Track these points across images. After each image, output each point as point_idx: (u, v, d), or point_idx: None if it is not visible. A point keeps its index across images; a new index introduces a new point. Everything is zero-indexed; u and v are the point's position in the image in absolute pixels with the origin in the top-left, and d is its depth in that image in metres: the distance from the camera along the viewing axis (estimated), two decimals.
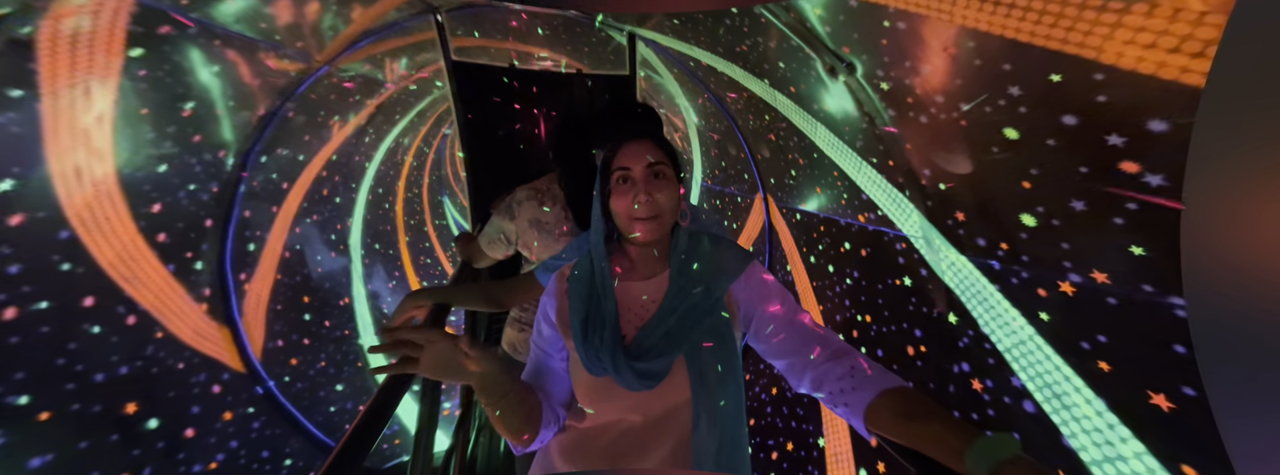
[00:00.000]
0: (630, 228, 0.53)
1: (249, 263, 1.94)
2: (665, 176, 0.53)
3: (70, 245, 1.12)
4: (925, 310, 1.15)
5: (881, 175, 1.27)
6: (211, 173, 1.69)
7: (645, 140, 0.54)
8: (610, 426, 0.51)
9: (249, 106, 1.82)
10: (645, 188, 0.52)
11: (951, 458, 0.38)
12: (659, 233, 0.53)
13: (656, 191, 0.52)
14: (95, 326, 1.17)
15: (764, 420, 1.95)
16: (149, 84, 1.31)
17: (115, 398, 1.18)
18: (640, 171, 0.52)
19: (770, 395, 1.97)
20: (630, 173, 0.53)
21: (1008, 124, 0.83)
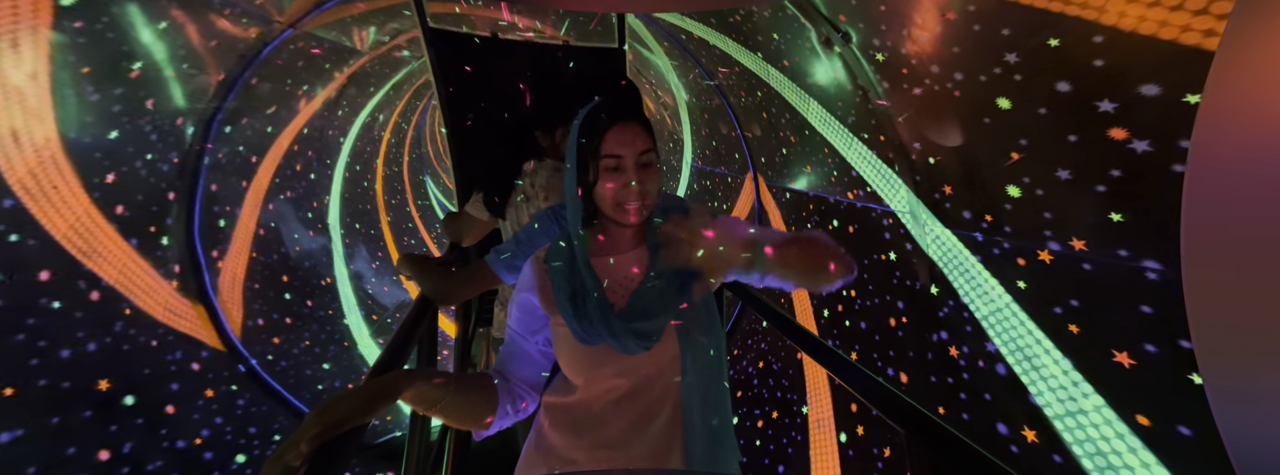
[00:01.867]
0: (618, 213, 0.54)
1: (221, 239, 1.86)
2: (653, 165, 0.55)
3: (16, 214, 1.04)
4: (908, 283, 1.17)
5: (872, 151, 1.27)
6: (169, 142, 1.57)
7: (635, 126, 0.54)
8: (600, 395, 0.53)
9: (204, 70, 1.68)
10: (637, 176, 0.53)
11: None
12: (644, 216, 0.55)
13: (647, 180, 0.54)
14: (55, 302, 1.11)
15: (751, 392, 2.02)
16: (87, 38, 1.19)
17: (85, 374, 1.14)
18: (631, 160, 0.53)
19: (757, 368, 2.04)
20: (622, 161, 0.53)
21: (1002, 93, 0.82)
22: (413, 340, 0.70)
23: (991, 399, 0.96)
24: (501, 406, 0.54)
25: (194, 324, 1.60)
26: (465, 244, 1.14)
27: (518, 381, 0.57)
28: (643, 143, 0.54)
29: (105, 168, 1.32)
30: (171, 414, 1.35)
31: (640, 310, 0.52)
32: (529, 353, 0.57)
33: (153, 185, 1.50)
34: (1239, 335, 0.43)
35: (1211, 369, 0.46)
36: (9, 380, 0.95)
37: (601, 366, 0.53)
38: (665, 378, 0.53)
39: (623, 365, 0.53)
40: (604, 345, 0.53)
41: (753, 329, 2.16)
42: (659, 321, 0.52)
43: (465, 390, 0.51)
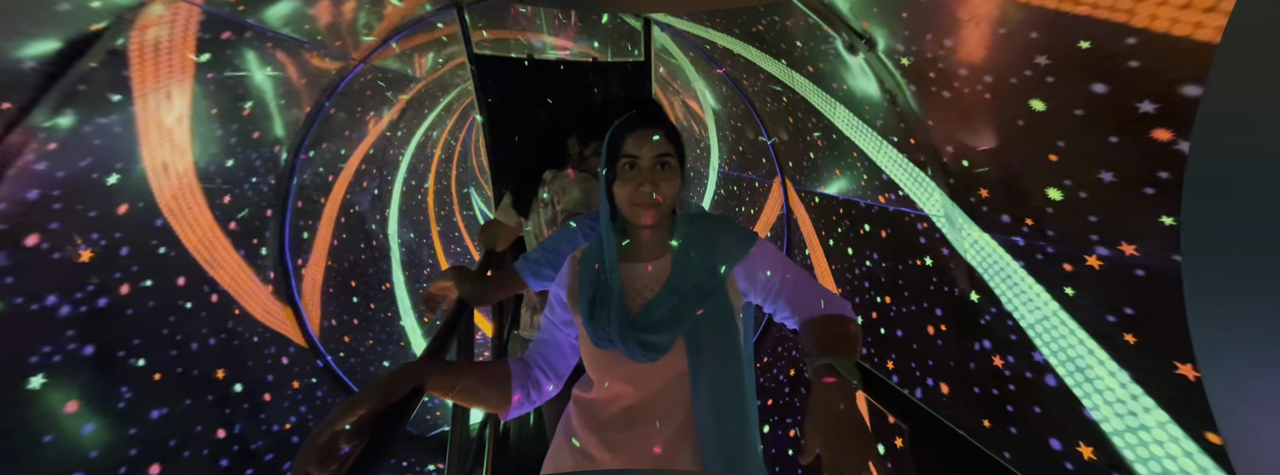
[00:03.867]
0: (633, 213, 0.56)
1: (304, 250, 2.12)
2: (671, 167, 0.56)
3: (164, 231, 1.28)
4: (947, 289, 1.14)
5: (902, 154, 1.25)
6: (269, 167, 1.85)
7: (654, 128, 0.56)
8: (616, 397, 0.55)
9: (297, 104, 1.96)
10: (651, 177, 0.55)
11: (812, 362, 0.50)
12: (659, 218, 0.56)
13: (662, 181, 0.55)
14: (188, 302, 1.34)
15: (783, 400, 1.98)
16: (216, 86, 1.45)
17: (207, 364, 1.35)
18: (647, 160, 0.55)
19: (789, 376, 2.00)
20: (638, 160, 0.55)
21: (1034, 95, 0.81)
22: (453, 336, 0.78)
23: (1042, 412, 0.91)
24: (517, 391, 0.57)
25: (284, 324, 1.84)
26: (499, 249, 1.26)
27: (546, 366, 0.60)
28: (660, 146, 0.55)
29: (224, 190, 1.57)
30: (268, 401, 1.57)
31: (651, 322, 0.53)
32: (558, 342, 0.60)
33: (256, 204, 1.77)
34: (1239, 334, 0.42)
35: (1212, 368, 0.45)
36: (157, 368, 1.16)
37: (612, 370, 0.55)
38: (674, 392, 0.53)
39: (632, 371, 0.54)
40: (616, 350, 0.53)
41: (783, 335, 2.14)
42: (666, 335, 0.52)
43: (479, 377, 0.55)
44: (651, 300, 0.55)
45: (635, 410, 0.54)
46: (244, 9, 1.43)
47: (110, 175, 1.10)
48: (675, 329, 0.53)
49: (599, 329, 0.54)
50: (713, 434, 0.52)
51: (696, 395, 0.53)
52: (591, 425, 0.56)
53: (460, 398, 0.55)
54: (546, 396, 0.60)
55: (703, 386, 0.53)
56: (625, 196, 0.56)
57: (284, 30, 1.66)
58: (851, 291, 1.61)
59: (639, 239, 0.59)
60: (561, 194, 1.14)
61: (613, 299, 0.54)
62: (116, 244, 1.11)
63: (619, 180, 0.56)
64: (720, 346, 0.54)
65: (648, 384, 0.54)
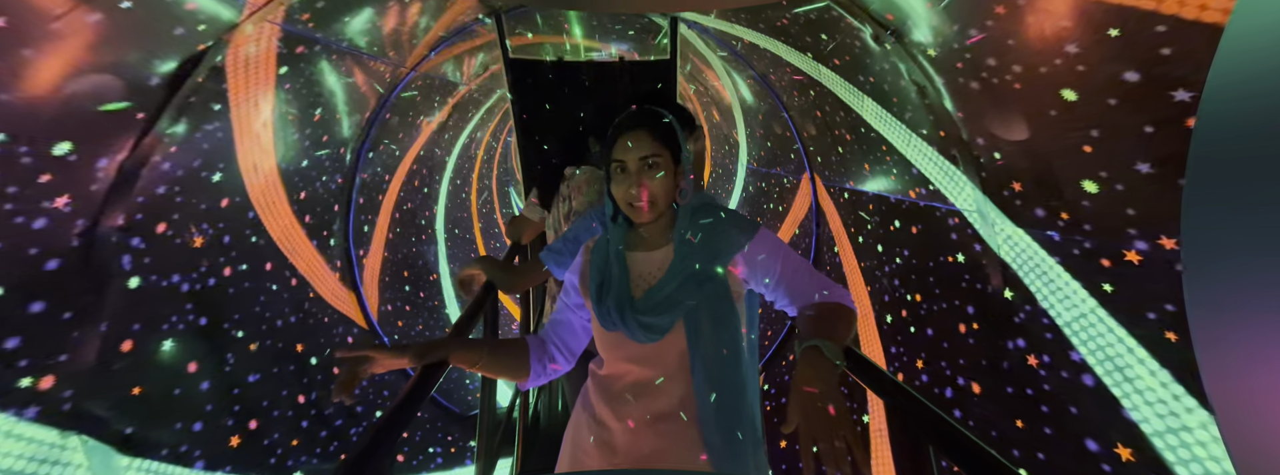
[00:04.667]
0: (630, 211, 0.61)
1: (365, 241, 2.35)
2: (658, 166, 0.59)
3: (255, 223, 1.48)
4: (979, 287, 1.10)
5: (932, 147, 1.21)
6: (337, 166, 2.06)
7: (641, 133, 0.60)
8: (624, 374, 0.60)
9: (359, 110, 2.17)
10: (639, 179, 0.59)
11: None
12: (653, 215, 0.60)
13: (650, 181, 0.59)
14: (273, 284, 1.54)
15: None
16: (292, 95, 1.65)
17: (289, 338, 1.55)
18: (634, 163, 0.59)
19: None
20: (625, 164, 0.59)
21: (1065, 84, 0.77)
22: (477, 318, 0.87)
23: (1078, 413, 0.87)
24: (533, 366, 0.64)
25: (349, 307, 2.06)
26: (524, 242, 1.34)
27: (560, 344, 0.66)
28: (645, 148, 0.59)
29: (300, 187, 1.78)
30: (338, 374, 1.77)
31: (650, 306, 0.57)
32: (572, 322, 0.65)
33: (325, 200, 1.98)
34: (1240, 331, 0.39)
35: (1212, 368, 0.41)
36: (252, 339, 1.35)
37: (619, 348, 0.60)
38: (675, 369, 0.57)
39: (635, 352, 0.59)
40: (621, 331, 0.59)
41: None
42: (665, 318, 0.57)
43: (500, 352, 0.63)
44: (653, 286, 0.59)
45: (641, 385, 0.59)
46: (314, 25, 1.60)
47: (215, 174, 1.29)
48: (673, 312, 0.57)
49: (604, 312, 0.59)
50: (711, 409, 0.56)
51: (695, 373, 0.57)
52: (605, 397, 0.61)
53: (484, 369, 0.62)
54: (560, 372, 0.67)
55: (701, 365, 0.57)
56: (619, 197, 0.61)
57: (346, 42, 1.84)
58: (881, 289, 1.56)
59: (644, 231, 0.63)
60: (578, 191, 1.22)
61: (616, 286, 0.59)
62: (220, 233, 1.30)
63: (613, 182, 0.61)
64: (718, 329, 0.58)
65: (651, 362, 0.59)
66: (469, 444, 2.25)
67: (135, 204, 1.00)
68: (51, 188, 0.81)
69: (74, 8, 0.78)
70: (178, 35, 1.04)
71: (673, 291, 0.57)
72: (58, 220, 0.83)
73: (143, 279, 1.01)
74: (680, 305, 0.57)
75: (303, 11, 1.51)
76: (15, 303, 0.76)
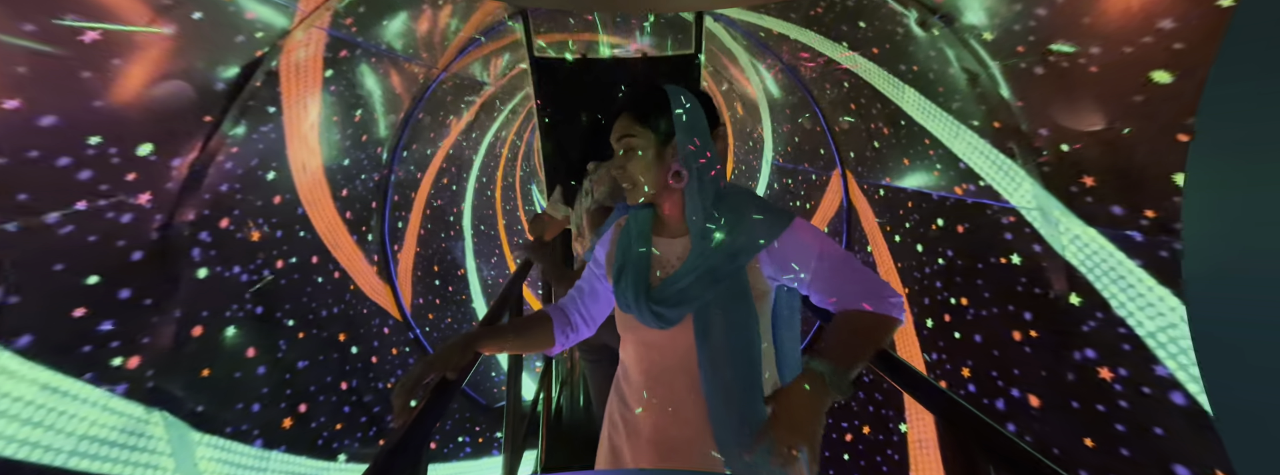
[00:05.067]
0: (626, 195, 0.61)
1: (399, 237, 2.46)
2: (631, 147, 0.58)
3: (303, 219, 1.57)
4: (1038, 291, 1.01)
5: (984, 140, 1.12)
6: (374, 165, 2.16)
7: (623, 114, 0.60)
8: (639, 360, 0.62)
9: (395, 110, 2.25)
10: (618, 163, 0.59)
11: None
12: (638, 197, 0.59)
13: (625, 163, 0.58)
14: (319, 277, 1.63)
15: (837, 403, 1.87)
16: (336, 97, 1.73)
17: (333, 328, 1.64)
18: (615, 146, 0.59)
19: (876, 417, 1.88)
20: (615, 150, 0.60)
21: (1157, 65, 0.69)
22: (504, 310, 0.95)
23: (1165, 434, 0.79)
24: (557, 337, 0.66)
25: (385, 300, 2.16)
26: (546, 238, 1.36)
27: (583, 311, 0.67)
28: (620, 128, 0.58)
29: (341, 185, 1.88)
30: (375, 363, 1.86)
31: (664, 296, 0.57)
32: (597, 290, 0.67)
33: (364, 197, 2.08)
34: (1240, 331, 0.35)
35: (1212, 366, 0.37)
36: (301, 328, 1.44)
37: (633, 331, 0.61)
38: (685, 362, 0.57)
39: (649, 336, 0.59)
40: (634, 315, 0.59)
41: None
42: (676, 310, 0.56)
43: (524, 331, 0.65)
44: (670, 276, 0.58)
45: (653, 373, 0.60)
46: (356, 29, 1.68)
47: (269, 173, 1.37)
48: (685, 306, 0.56)
49: (621, 293, 0.59)
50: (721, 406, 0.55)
51: (702, 368, 0.56)
52: (627, 382, 0.64)
53: (513, 349, 0.66)
54: (582, 337, 0.69)
55: (707, 363, 0.56)
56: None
57: (385, 45, 1.92)
58: (920, 291, 1.48)
59: (662, 216, 0.63)
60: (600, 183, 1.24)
61: (633, 270, 0.59)
62: (274, 228, 1.39)
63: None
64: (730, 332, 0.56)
65: (663, 351, 0.59)
66: (496, 435, 2.32)
67: (203, 200, 1.08)
68: (136, 185, 0.88)
69: (154, 19, 0.84)
70: (239, 42, 1.11)
71: (688, 285, 0.56)
72: (141, 215, 0.90)
73: (210, 270, 1.09)
74: (694, 300, 0.56)
75: (346, 16, 1.58)
76: (108, 289, 0.83)
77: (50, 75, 0.71)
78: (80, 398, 0.76)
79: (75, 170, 0.77)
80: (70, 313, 0.77)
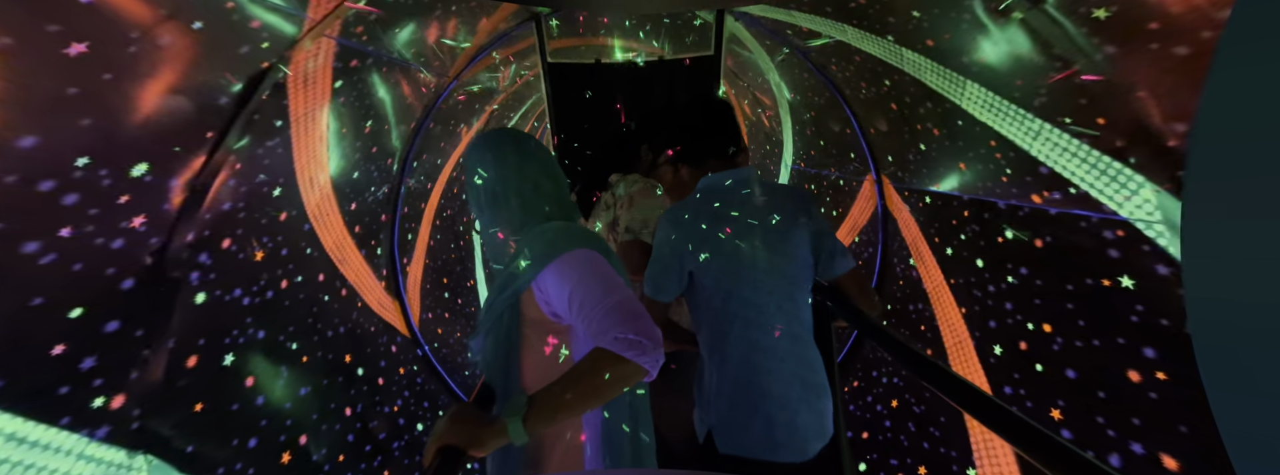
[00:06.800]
0: None
1: (408, 250, 2.39)
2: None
3: (310, 235, 1.50)
4: (1165, 323, 0.84)
5: (1079, 140, 0.96)
6: (384, 177, 2.10)
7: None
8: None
9: (406, 121, 2.20)
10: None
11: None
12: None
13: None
14: (325, 295, 1.56)
15: (882, 435, 1.67)
16: (346, 108, 1.68)
17: (339, 350, 1.57)
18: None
19: (890, 408, 1.69)
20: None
21: None
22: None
23: None
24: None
25: (393, 316, 2.08)
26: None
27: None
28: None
29: (350, 198, 1.82)
30: (381, 385, 1.78)
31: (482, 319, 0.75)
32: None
33: (373, 210, 2.02)
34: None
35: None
36: (305, 352, 1.36)
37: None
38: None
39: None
40: None
41: (880, 358, 1.87)
42: (476, 338, 0.74)
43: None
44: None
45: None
46: (366, 38, 1.63)
47: (275, 189, 1.31)
48: (479, 332, 0.68)
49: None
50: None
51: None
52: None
53: (571, 414, 0.59)
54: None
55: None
56: None
57: (395, 54, 1.87)
58: (984, 312, 1.30)
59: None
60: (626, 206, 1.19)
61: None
62: (279, 246, 1.32)
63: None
64: (494, 353, 0.66)
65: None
66: None
67: (203, 220, 1.01)
68: (129, 208, 0.81)
69: (149, 30, 0.78)
70: (243, 53, 1.05)
71: (484, 313, 0.66)
72: (134, 240, 0.83)
73: (208, 294, 1.02)
74: (483, 324, 0.65)
75: (357, 24, 1.53)
76: (93, 322, 0.76)
77: (29, 92, 0.64)
78: (51, 447, 0.68)
79: (60, 195, 0.70)
80: (48, 351, 0.69)
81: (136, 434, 0.81)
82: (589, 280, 0.58)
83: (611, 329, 0.53)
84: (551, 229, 0.65)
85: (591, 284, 0.58)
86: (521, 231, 0.67)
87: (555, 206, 0.72)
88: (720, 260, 0.90)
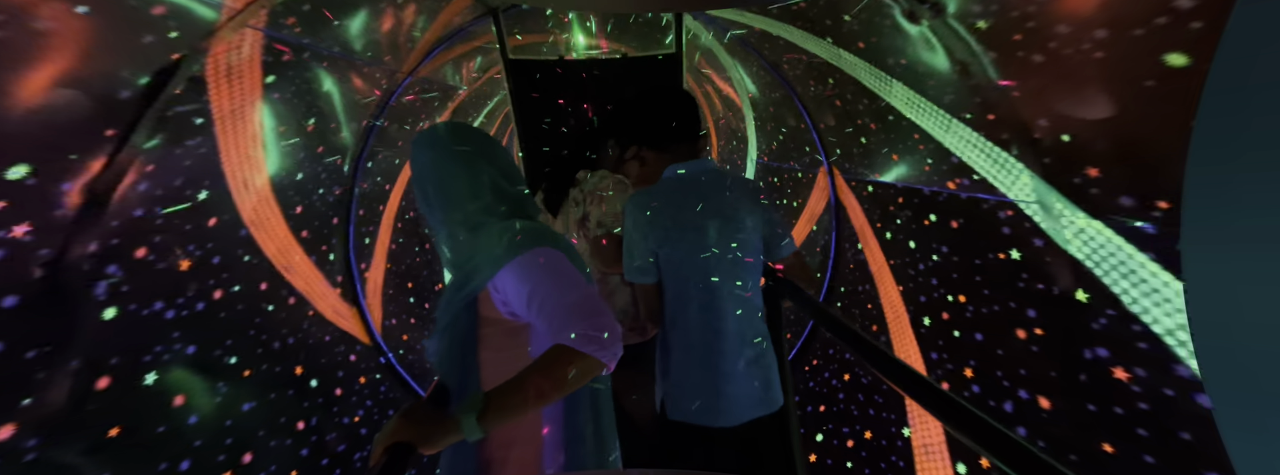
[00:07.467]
0: None
1: (366, 254, 2.28)
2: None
3: (247, 241, 1.40)
4: (1041, 287, 0.99)
5: (978, 133, 1.10)
6: (334, 178, 1.99)
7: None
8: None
9: (355, 119, 2.09)
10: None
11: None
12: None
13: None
14: (270, 305, 1.46)
15: (836, 407, 1.84)
16: (282, 105, 1.57)
17: (288, 361, 1.48)
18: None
19: (842, 381, 1.86)
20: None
21: (1171, 47, 0.66)
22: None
23: (1192, 439, 0.75)
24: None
25: (351, 324, 1.99)
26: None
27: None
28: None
29: (295, 201, 1.71)
30: (339, 396, 1.69)
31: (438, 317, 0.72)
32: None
33: (324, 213, 1.91)
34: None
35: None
36: (247, 365, 1.28)
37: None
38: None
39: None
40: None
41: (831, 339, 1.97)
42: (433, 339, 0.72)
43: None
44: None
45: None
46: (300, 30, 1.53)
47: (201, 192, 1.21)
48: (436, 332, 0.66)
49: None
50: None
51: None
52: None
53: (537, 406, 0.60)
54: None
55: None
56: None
57: (337, 49, 1.76)
58: (916, 289, 1.45)
59: None
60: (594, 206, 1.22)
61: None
62: (209, 253, 1.23)
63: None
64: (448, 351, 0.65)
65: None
66: None
67: (110, 228, 0.92)
68: (8, 215, 0.73)
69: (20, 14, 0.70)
70: (147, 43, 0.96)
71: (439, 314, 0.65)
72: (17, 251, 0.75)
73: (120, 309, 0.93)
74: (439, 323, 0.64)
75: (287, 15, 1.43)
76: None
77: None
78: None
79: None
80: None
81: (32, 466, 0.73)
82: (548, 279, 0.57)
83: (571, 326, 0.53)
84: (510, 228, 0.64)
85: (551, 283, 0.57)
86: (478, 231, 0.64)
87: (511, 204, 0.69)
88: (681, 247, 0.98)
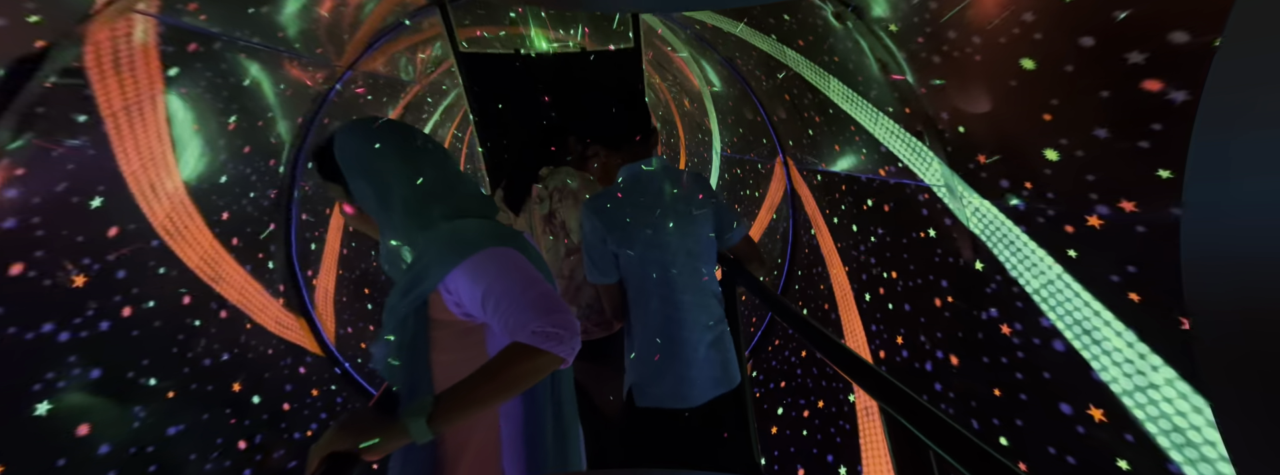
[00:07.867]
0: None
1: (313, 260, 2.15)
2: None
3: (161, 252, 1.28)
4: (951, 260, 1.12)
5: (898, 124, 1.22)
6: (267, 180, 1.84)
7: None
8: None
9: (287, 116, 1.94)
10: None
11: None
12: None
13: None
14: (196, 320, 1.35)
15: (795, 381, 1.96)
16: (195, 100, 1.43)
17: (223, 378, 1.37)
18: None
19: (800, 357, 1.96)
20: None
21: (1024, 54, 0.78)
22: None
23: (1051, 378, 0.89)
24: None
25: (299, 334, 1.87)
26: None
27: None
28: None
29: (221, 207, 1.57)
30: (288, 411, 1.60)
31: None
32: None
33: (257, 219, 1.77)
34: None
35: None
36: (170, 386, 1.17)
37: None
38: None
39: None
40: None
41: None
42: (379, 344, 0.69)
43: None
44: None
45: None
46: (206, 18, 1.39)
47: (93, 199, 1.09)
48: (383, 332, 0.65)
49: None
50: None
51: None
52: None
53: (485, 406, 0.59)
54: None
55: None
56: None
57: (254, 40, 1.62)
58: (858, 268, 1.58)
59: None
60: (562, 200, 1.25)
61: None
62: (111, 267, 1.11)
63: None
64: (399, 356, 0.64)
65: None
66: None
67: None
68: None
69: None
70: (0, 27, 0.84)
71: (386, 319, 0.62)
72: None
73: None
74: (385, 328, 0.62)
75: (187, 1, 1.29)
76: None
77: None
78: None
79: None
80: None
81: None
82: (503, 278, 0.56)
83: (529, 323, 0.52)
84: (460, 227, 0.62)
85: (506, 282, 0.56)
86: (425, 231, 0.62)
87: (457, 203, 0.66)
88: (638, 245, 1.02)
